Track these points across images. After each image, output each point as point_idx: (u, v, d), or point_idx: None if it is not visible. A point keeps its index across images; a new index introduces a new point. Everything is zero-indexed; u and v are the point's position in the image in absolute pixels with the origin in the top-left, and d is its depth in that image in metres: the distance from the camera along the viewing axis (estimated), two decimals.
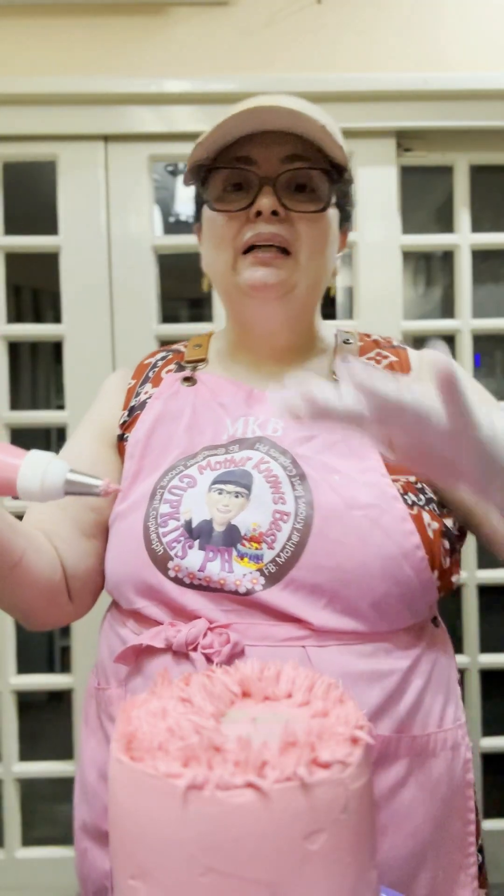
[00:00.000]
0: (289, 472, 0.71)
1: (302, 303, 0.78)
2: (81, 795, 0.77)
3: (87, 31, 1.71)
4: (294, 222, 0.75)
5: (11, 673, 1.77)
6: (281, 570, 0.67)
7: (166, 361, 0.88)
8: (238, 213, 0.75)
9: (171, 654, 0.68)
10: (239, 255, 0.76)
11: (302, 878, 0.38)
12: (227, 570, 0.68)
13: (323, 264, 0.78)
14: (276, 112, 0.71)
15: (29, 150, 1.76)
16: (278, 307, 0.77)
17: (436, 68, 1.74)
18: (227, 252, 0.76)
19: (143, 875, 0.40)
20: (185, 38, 1.72)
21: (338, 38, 1.73)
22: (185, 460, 0.75)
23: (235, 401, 0.79)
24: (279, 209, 0.74)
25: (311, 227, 0.75)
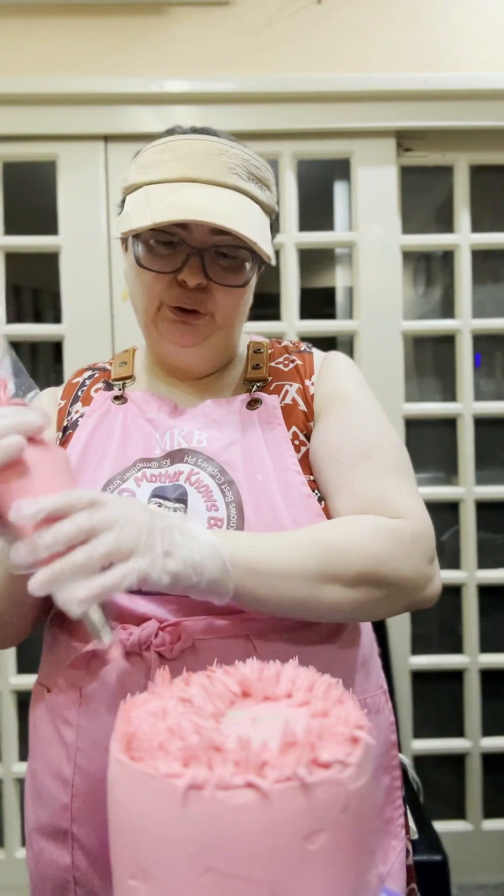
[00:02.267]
0: (217, 480, 0.77)
1: (216, 346, 0.84)
2: (34, 798, 0.78)
3: (88, 31, 1.71)
4: (214, 291, 0.80)
5: (11, 673, 1.77)
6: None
7: (94, 380, 0.92)
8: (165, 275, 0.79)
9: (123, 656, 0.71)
10: (163, 306, 0.81)
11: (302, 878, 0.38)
12: None
13: (238, 318, 0.84)
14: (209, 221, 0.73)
15: (29, 150, 1.76)
16: (193, 352, 0.83)
17: (436, 68, 1.74)
18: (151, 303, 0.81)
19: (143, 875, 0.40)
20: (185, 38, 1.72)
21: (338, 38, 1.73)
22: (121, 473, 0.79)
23: (161, 415, 0.84)
24: (203, 282, 0.78)
25: (229, 296, 0.80)
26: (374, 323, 1.82)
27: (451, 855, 1.37)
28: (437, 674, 1.90)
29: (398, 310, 1.82)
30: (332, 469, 0.79)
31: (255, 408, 0.83)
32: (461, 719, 1.90)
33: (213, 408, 0.83)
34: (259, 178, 0.80)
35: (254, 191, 0.79)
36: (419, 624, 1.88)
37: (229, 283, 0.79)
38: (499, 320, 1.90)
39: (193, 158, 0.77)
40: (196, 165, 0.77)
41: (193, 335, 0.81)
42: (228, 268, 0.79)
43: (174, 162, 0.78)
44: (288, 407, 0.84)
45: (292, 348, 0.91)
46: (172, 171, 0.77)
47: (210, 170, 0.77)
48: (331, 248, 2.02)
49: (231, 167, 0.78)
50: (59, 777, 0.73)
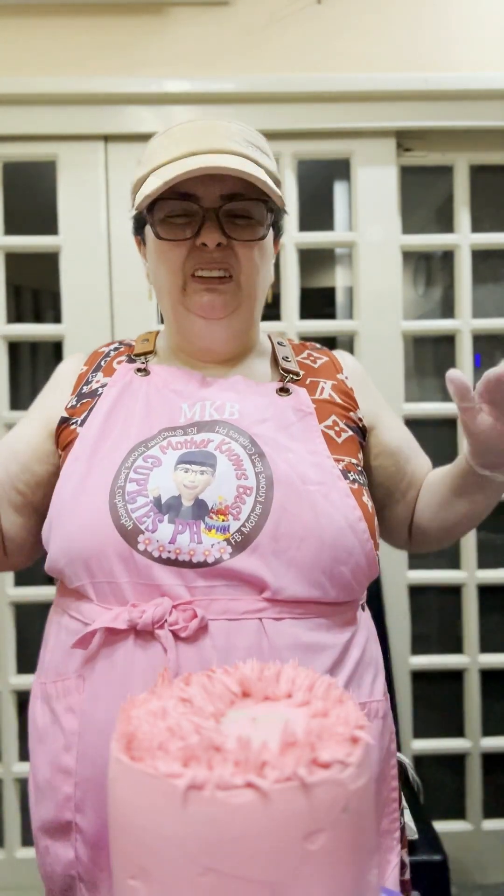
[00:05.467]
0: (248, 451, 0.77)
1: (243, 319, 0.86)
2: (37, 797, 0.78)
3: (87, 31, 1.71)
4: (235, 248, 0.82)
5: (11, 673, 1.77)
6: (246, 539, 0.72)
7: (118, 353, 0.93)
8: (184, 241, 0.81)
9: (132, 636, 0.71)
10: (188, 279, 0.82)
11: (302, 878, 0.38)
12: (196, 541, 0.72)
13: (261, 283, 0.87)
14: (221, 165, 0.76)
15: (29, 150, 1.76)
16: (223, 326, 0.85)
17: (436, 68, 1.74)
18: (176, 276, 0.83)
19: (143, 875, 0.40)
20: (185, 38, 1.72)
21: (338, 38, 1.73)
22: (145, 441, 0.79)
23: (189, 387, 0.84)
24: (223, 240, 0.80)
25: (250, 252, 0.83)
26: (374, 323, 1.82)
27: (451, 855, 1.37)
28: (437, 674, 1.90)
29: (398, 310, 1.82)
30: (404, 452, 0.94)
31: (286, 395, 0.85)
32: (461, 719, 1.90)
33: (244, 384, 0.85)
34: (257, 145, 0.84)
35: (256, 155, 0.81)
36: (419, 624, 1.88)
37: (247, 238, 0.82)
38: (499, 320, 1.90)
39: (192, 135, 0.81)
40: (197, 140, 0.80)
41: (223, 305, 0.83)
42: (244, 226, 0.82)
43: (174, 145, 0.81)
44: (324, 402, 0.86)
45: (311, 346, 0.96)
46: (174, 151, 0.80)
47: (210, 141, 0.80)
48: (331, 248, 2.02)
49: (229, 136, 0.81)
50: (60, 768, 0.73)
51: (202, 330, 0.85)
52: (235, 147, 0.80)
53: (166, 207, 0.81)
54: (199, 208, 0.80)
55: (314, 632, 0.74)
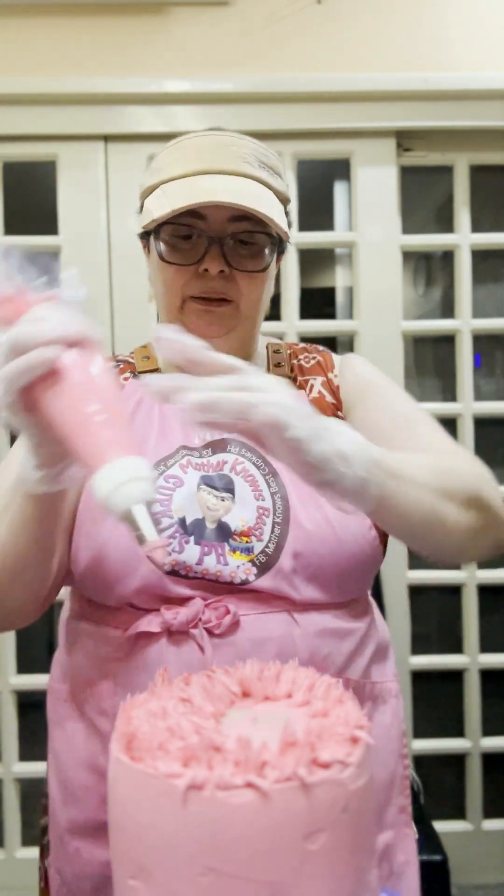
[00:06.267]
0: (262, 471, 0.78)
1: (240, 337, 0.85)
2: (67, 799, 0.78)
3: (87, 31, 1.71)
4: (237, 278, 0.81)
5: (11, 673, 1.77)
6: (270, 560, 0.74)
7: (120, 370, 0.91)
8: (187, 267, 0.81)
9: (165, 637, 0.72)
10: (187, 299, 0.82)
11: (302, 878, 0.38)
12: (222, 563, 0.73)
13: (260, 308, 0.86)
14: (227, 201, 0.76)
15: (29, 150, 1.76)
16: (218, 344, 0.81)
17: (436, 68, 1.74)
18: (175, 297, 0.82)
19: (143, 875, 0.40)
20: (185, 38, 1.72)
21: (338, 38, 1.73)
22: (164, 459, 0.78)
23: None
24: (225, 269, 0.79)
25: (252, 282, 0.82)
26: (374, 323, 1.82)
27: (451, 855, 1.37)
28: (437, 674, 1.90)
29: (398, 310, 1.82)
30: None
31: None
32: (461, 719, 1.90)
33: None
34: (269, 165, 0.82)
35: (266, 178, 0.81)
36: (419, 624, 1.88)
37: (250, 269, 0.81)
38: (499, 320, 1.90)
39: (203, 153, 0.80)
40: (207, 158, 0.80)
41: (219, 325, 0.82)
42: (248, 254, 0.81)
43: (184, 160, 0.80)
44: (315, 401, 0.86)
45: (311, 348, 0.94)
46: (186, 166, 0.79)
47: (221, 160, 0.79)
48: (331, 248, 2.02)
49: (241, 156, 0.80)
50: (96, 769, 0.74)
51: None
52: (247, 169, 0.79)
53: (172, 228, 0.81)
54: (203, 234, 0.79)
55: (339, 619, 0.77)
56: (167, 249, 0.81)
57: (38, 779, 1.78)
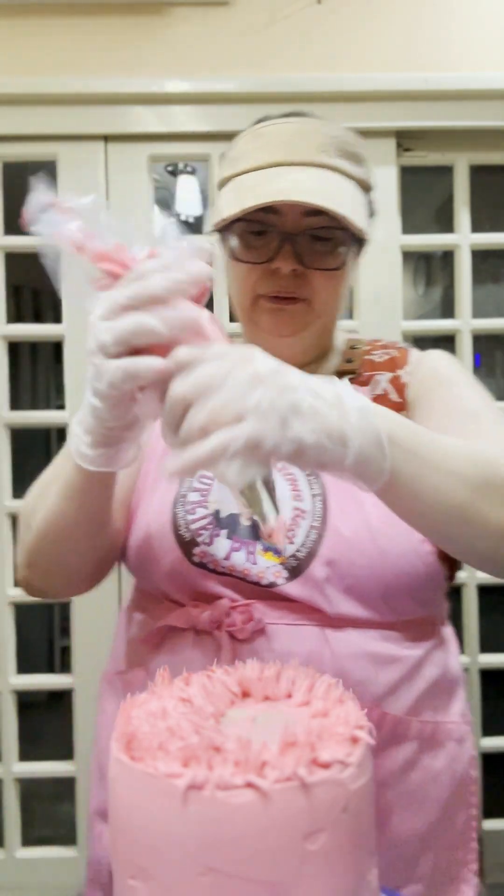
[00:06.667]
0: (304, 471, 0.74)
1: (314, 335, 0.81)
2: (99, 781, 0.79)
3: (88, 31, 1.71)
4: (310, 276, 0.77)
5: (11, 673, 1.77)
6: (301, 565, 0.70)
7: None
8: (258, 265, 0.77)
9: (193, 635, 0.71)
10: (258, 298, 0.79)
11: (302, 878, 0.38)
12: (251, 561, 0.71)
13: (337, 305, 0.82)
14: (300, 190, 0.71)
15: (29, 150, 1.76)
16: (290, 343, 0.80)
17: (436, 68, 1.74)
18: (247, 296, 0.80)
19: (143, 875, 0.40)
20: (185, 38, 1.72)
21: (338, 38, 1.73)
22: None
23: None
24: (298, 267, 0.76)
25: (327, 281, 0.77)
26: (374, 323, 1.82)
27: None
28: None
29: (398, 310, 1.82)
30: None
31: None
32: None
33: None
34: (352, 153, 0.78)
35: (346, 167, 0.77)
36: None
37: (324, 267, 0.77)
38: (499, 320, 1.90)
39: (280, 141, 0.76)
40: (284, 148, 0.76)
41: (291, 324, 0.79)
42: (323, 251, 0.77)
43: (262, 149, 0.77)
44: (378, 398, 0.80)
45: (391, 344, 0.89)
46: (261, 157, 0.76)
47: (299, 151, 0.75)
48: None
49: (320, 145, 0.76)
50: None
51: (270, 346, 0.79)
52: (325, 159, 0.75)
53: (244, 224, 0.77)
54: (276, 231, 0.75)
55: (382, 642, 0.70)
56: (240, 247, 0.78)
57: (38, 779, 1.79)
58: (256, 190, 0.73)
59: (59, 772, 1.76)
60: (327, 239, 0.76)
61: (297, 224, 0.75)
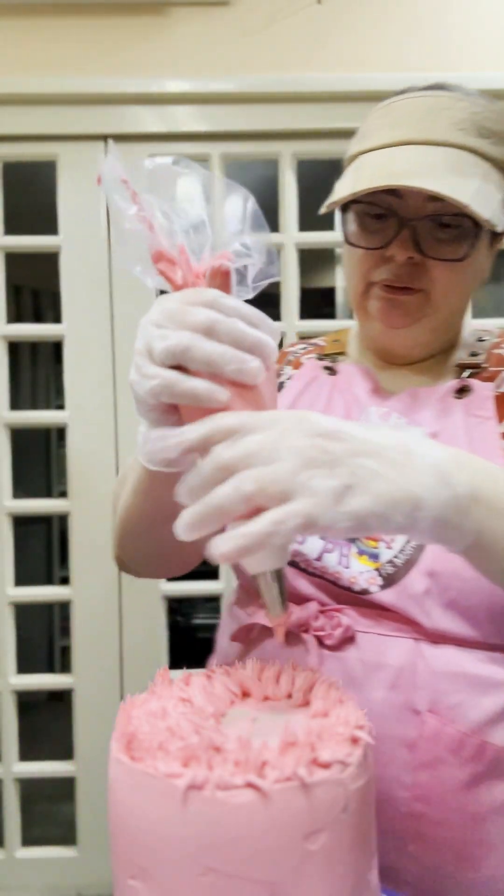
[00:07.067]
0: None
1: (431, 328, 0.75)
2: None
3: (87, 31, 1.71)
4: (429, 266, 0.71)
5: (11, 673, 1.77)
6: (398, 573, 0.65)
7: (306, 351, 0.88)
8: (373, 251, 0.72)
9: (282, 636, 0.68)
10: (371, 285, 0.74)
11: (302, 878, 0.38)
12: (343, 564, 0.67)
13: (460, 297, 0.75)
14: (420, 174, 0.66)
15: (29, 150, 1.76)
16: (403, 335, 0.76)
17: (436, 68, 1.74)
18: (360, 282, 0.75)
19: (143, 875, 0.40)
20: (185, 38, 1.72)
21: (338, 38, 1.73)
22: None
23: (362, 392, 0.78)
24: (415, 256, 0.70)
25: (448, 272, 0.71)
26: None
27: None
28: None
29: None
30: None
31: (463, 396, 0.74)
32: None
33: (417, 393, 0.75)
34: (494, 132, 0.70)
35: (483, 147, 0.69)
36: None
37: (444, 257, 0.70)
38: (499, 320, 1.90)
39: (412, 118, 0.70)
40: (414, 125, 0.69)
41: (404, 315, 0.73)
42: (446, 239, 0.70)
43: (392, 125, 0.71)
44: (500, 397, 0.73)
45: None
46: (389, 134, 0.70)
47: (430, 128, 0.69)
48: (331, 248, 2.02)
49: (456, 122, 0.69)
50: None
51: (381, 336, 0.77)
52: (459, 138, 0.68)
53: (362, 206, 0.72)
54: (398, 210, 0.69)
55: (486, 664, 0.62)
56: (356, 230, 0.73)
57: (38, 779, 1.79)
58: (375, 171, 0.68)
59: (59, 772, 1.76)
60: (453, 226, 0.69)
61: (418, 209, 0.69)
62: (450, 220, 0.69)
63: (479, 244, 0.72)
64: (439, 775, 0.60)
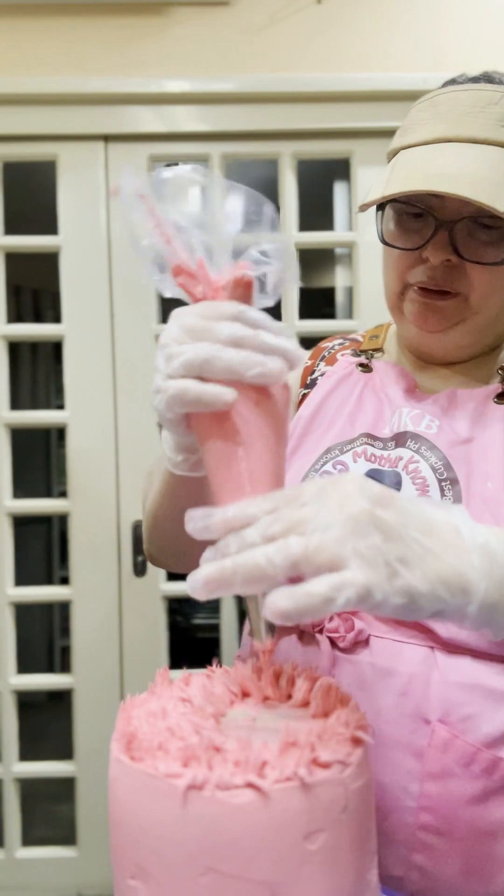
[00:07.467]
0: (439, 475, 0.67)
1: (470, 332, 0.73)
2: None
3: (87, 31, 1.71)
4: (467, 269, 0.68)
5: (11, 673, 1.77)
6: None
7: (343, 347, 0.87)
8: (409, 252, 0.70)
9: (296, 634, 0.67)
10: (408, 287, 0.73)
11: (302, 878, 0.38)
12: None
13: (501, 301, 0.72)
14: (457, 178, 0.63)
15: (29, 150, 1.76)
16: (439, 338, 0.74)
17: (436, 68, 1.74)
18: (395, 283, 0.74)
19: (143, 875, 0.40)
20: (185, 38, 1.72)
21: (338, 38, 1.73)
22: (341, 444, 0.73)
23: (396, 391, 0.76)
24: (452, 258, 0.68)
25: (487, 276, 0.68)
26: (373, 323, 1.81)
27: None
28: None
29: None
30: None
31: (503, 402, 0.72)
32: None
33: (455, 396, 0.73)
34: None
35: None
36: None
37: (483, 261, 0.67)
38: None
39: (455, 113, 0.67)
40: (457, 121, 0.67)
41: (440, 320, 0.71)
42: (487, 242, 0.67)
43: (433, 120, 0.69)
44: None
45: None
46: (430, 131, 0.68)
47: (473, 125, 0.66)
48: (331, 248, 2.02)
49: (501, 119, 0.66)
50: None
51: (417, 338, 0.75)
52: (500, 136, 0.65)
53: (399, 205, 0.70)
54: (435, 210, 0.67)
55: (502, 677, 0.61)
56: (393, 229, 0.71)
57: (38, 779, 1.79)
58: (411, 172, 0.66)
59: (59, 772, 1.76)
60: (495, 228, 0.67)
61: (457, 209, 0.66)
62: (490, 221, 0.66)
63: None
64: (448, 787, 0.59)
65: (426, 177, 0.64)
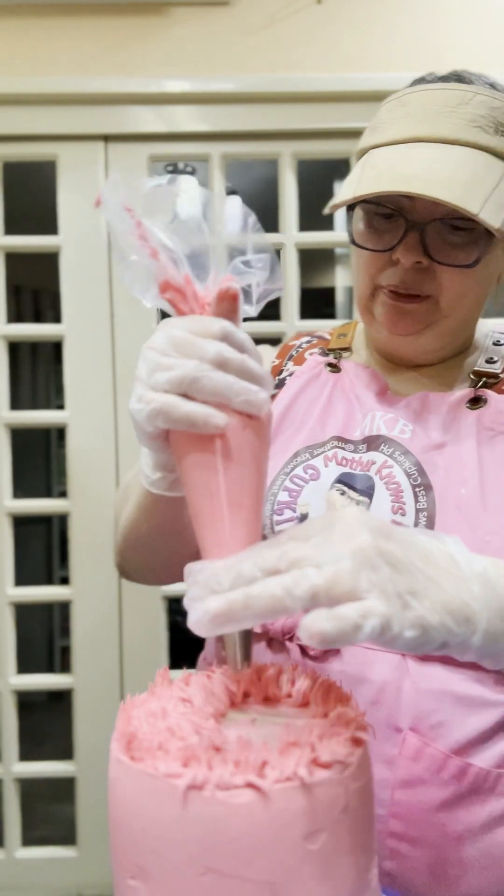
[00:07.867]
0: (413, 481, 0.66)
1: (440, 336, 0.72)
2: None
3: (87, 31, 1.71)
4: (438, 271, 0.67)
5: (11, 673, 1.77)
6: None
7: (311, 345, 0.85)
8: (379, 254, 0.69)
9: (265, 641, 0.66)
10: (378, 289, 0.72)
11: (302, 878, 0.38)
12: None
13: (473, 304, 0.72)
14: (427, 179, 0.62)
15: (29, 150, 1.76)
16: (410, 342, 0.73)
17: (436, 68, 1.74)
18: (365, 285, 0.72)
19: (143, 875, 0.40)
20: (185, 38, 1.72)
21: (338, 38, 1.73)
22: (311, 448, 0.72)
23: (368, 394, 0.75)
24: (422, 260, 0.67)
25: (458, 278, 0.67)
26: None
27: None
28: None
29: None
30: None
31: (477, 407, 0.71)
32: None
33: (432, 398, 0.72)
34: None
35: (500, 146, 0.65)
36: None
37: (454, 263, 0.66)
38: (499, 320, 1.90)
39: (426, 113, 0.66)
40: (428, 120, 0.65)
41: (410, 323, 0.70)
42: (458, 244, 0.66)
43: (404, 119, 0.67)
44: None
45: None
46: (400, 130, 0.67)
47: (444, 125, 0.65)
48: (331, 248, 2.02)
49: (472, 119, 0.65)
50: None
51: (387, 341, 0.74)
52: (473, 137, 0.64)
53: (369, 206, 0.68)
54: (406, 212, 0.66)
55: (473, 684, 0.60)
56: (363, 230, 0.70)
57: (38, 779, 1.79)
58: (381, 172, 0.64)
59: (59, 772, 1.76)
60: (466, 229, 0.66)
61: (429, 210, 0.65)
62: (461, 223, 0.65)
63: (492, 248, 0.69)
64: (417, 794, 0.59)
65: (397, 177, 0.63)
